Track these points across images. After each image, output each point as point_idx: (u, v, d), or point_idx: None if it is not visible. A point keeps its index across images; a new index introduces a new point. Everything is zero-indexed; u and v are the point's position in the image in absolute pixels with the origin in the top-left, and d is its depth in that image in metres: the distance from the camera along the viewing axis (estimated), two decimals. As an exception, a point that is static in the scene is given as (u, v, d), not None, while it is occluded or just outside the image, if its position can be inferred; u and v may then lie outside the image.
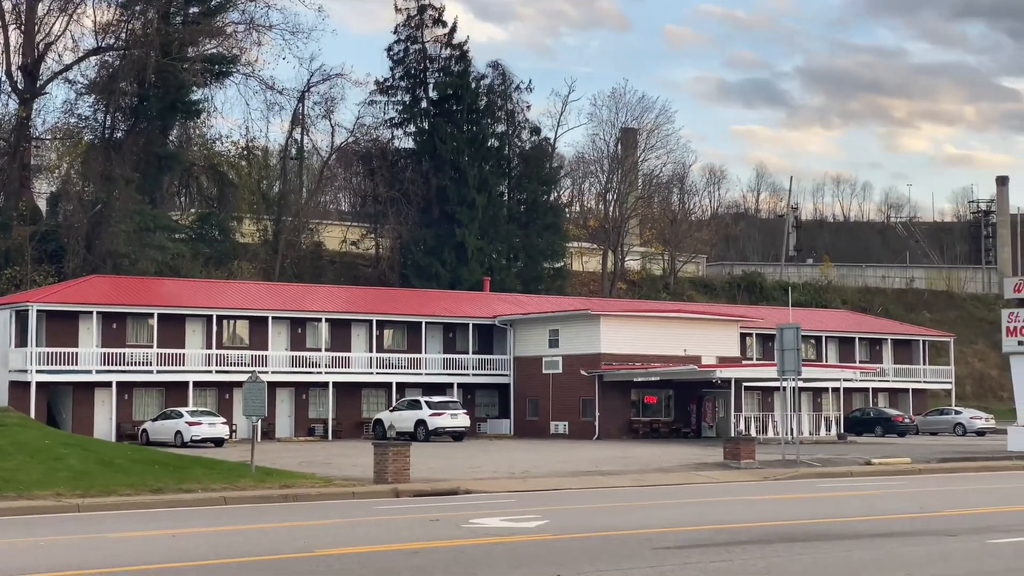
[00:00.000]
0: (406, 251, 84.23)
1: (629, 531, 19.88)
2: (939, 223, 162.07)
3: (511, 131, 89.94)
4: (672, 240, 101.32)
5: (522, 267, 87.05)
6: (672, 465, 38.23)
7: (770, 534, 19.47)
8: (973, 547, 17.87)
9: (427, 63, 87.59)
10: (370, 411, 61.68)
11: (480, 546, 18.16)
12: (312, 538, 19.46)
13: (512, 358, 65.22)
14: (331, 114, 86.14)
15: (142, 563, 16.53)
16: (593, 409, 60.57)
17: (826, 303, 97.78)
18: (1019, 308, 47.81)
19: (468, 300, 71.03)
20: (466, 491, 29.68)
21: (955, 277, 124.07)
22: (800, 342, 39.23)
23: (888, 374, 74.28)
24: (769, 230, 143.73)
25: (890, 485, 31.93)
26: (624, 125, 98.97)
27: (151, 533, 20.49)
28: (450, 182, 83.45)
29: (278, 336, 60.72)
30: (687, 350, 61.59)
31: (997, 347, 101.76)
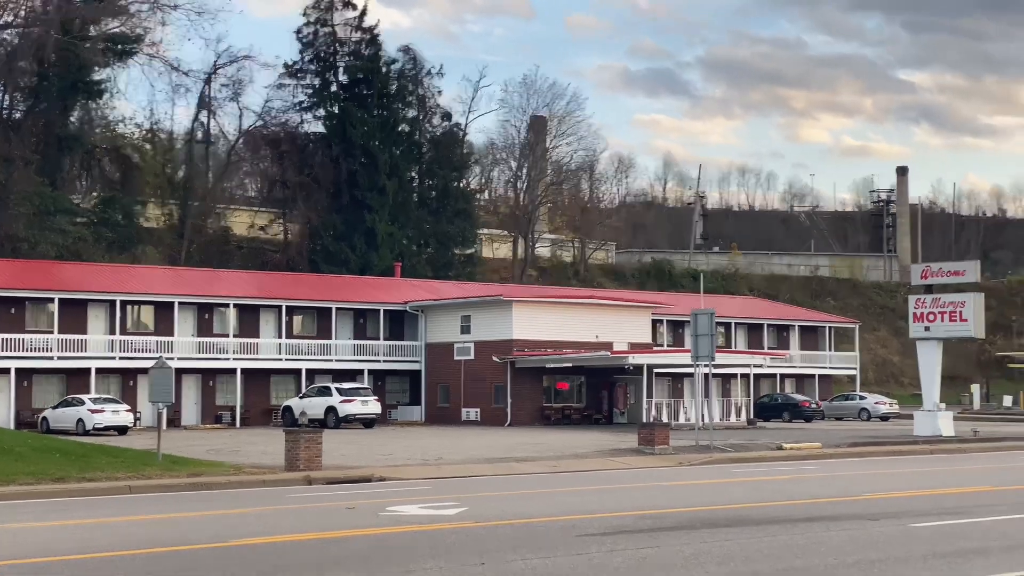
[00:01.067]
0: (315, 236, 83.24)
1: (551, 518, 19.54)
2: (841, 212, 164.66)
3: (422, 116, 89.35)
4: (582, 227, 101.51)
5: (433, 253, 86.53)
6: (587, 451, 38.05)
7: (694, 520, 19.27)
8: (896, 531, 17.82)
9: (337, 47, 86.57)
10: (279, 398, 60.77)
11: (400, 535, 17.69)
12: (223, 528, 18.84)
13: (423, 344, 64.71)
14: (238, 97, 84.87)
15: (46, 555, 15.80)
16: (505, 395, 60.31)
17: (734, 290, 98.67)
18: (926, 294, 48.43)
19: (379, 286, 70.35)
20: (380, 478, 29.16)
21: (858, 265, 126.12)
22: (714, 328, 39.23)
23: (795, 360, 75.09)
24: (677, 218, 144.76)
25: (804, 469, 32.04)
26: (535, 112, 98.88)
27: (54, 523, 19.69)
28: (360, 167, 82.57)
29: (184, 322, 59.53)
30: (599, 336, 61.58)
31: (898, 333, 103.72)
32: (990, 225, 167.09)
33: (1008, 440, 45.67)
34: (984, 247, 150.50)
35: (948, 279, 48.55)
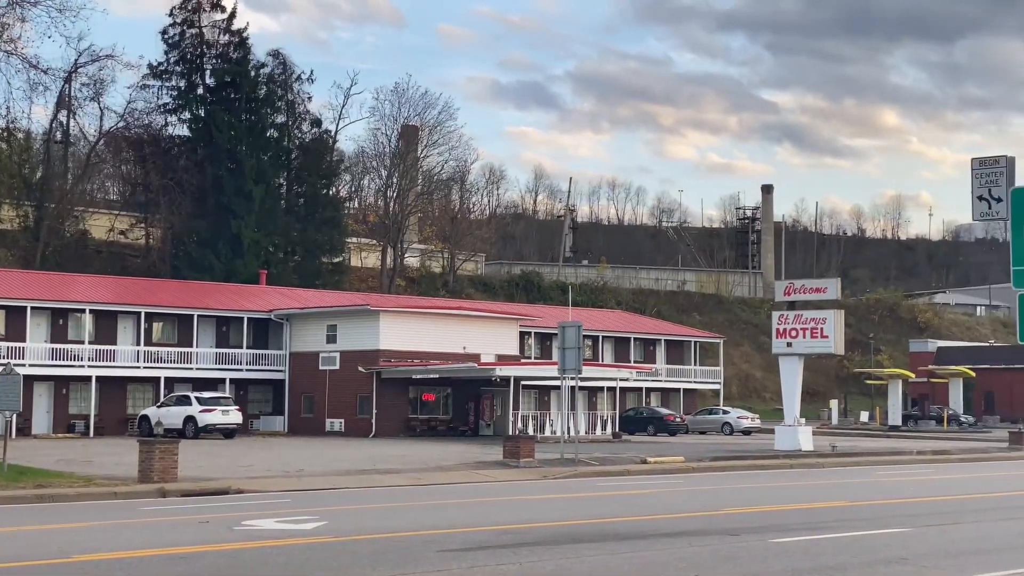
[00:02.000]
0: (178, 242, 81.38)
1: (412, 532, 19.12)
2: (708, 229, 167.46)
3: (291, 122, 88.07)
4: (452, 238, 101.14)
5: (300, 261, 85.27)
6: (451, 464, 37.66)
7: (557, 535, 19.02)
8: (756, 547, 17.80)
9: (204, 49, 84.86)
10: (136, 407, 59.09)
11: (253, 550, 17.08)
12: (69, 542, 17.99)
13: (288, 353, 63.64)
14: (100, 97, 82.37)
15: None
16: (370, 406, 59.60)
17: (602, 303, 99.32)
18: (789, 311, 49.19)
19: (243, 293, 69.01)
20: (238, 491, 28.36)
21: (723, 281, 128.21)
22: (582, 340, 39.22)
23: (661, 374, 75.76)
24: (546, 231, 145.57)
25: (667, 484, 32.12)
26: (406, 121, 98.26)
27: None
28: (226, 172, 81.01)
29: (37, 327, 57.53)
30: (467, 348, 61.26)
31: (761, 349, 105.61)
32: (850, 244, 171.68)
33: (865, 455, 46.58)
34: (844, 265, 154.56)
35: (810, 296, 49.41)
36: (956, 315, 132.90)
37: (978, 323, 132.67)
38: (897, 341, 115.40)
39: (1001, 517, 23.13)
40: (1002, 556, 17.15)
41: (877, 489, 30.46)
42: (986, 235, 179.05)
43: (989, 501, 27.16)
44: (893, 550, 17.54)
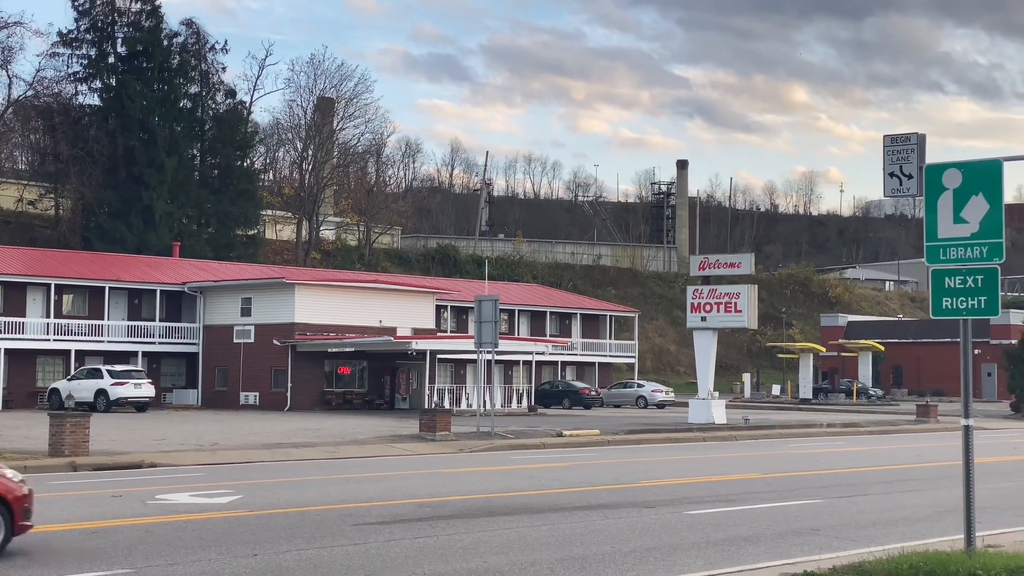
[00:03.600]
0: (89, 213, 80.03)
1: (328, 506, 19.07)
2: (623, 203, 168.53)
3: (205, 93, 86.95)
4: (368, 211, 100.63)
5: (214, 233, 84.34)
6: (367, 437, 37.59)
7: (473, 508, 19.10)
8: (671, 519, 18.03)
9: (115, 16, 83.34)
10: (46, 380, 58.13)
11: (168, 524, 16.92)
12: (-23, 518, 17.64)
13: (201, 326, 62.98)
14: (8, 65, 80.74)
15: None
16: (285, 380, 59.24)
17: (518, 277, 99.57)
18: (703, 285, 49.71)
19: (156, 266, 68.09)
20: (151, 464, 28.08)
21: (639, 255, 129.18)
22: (498, 314, 39.29)
23: (576, 348, 76.21)
24: (463, 205, 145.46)
25: (583, 457, 32.37)
26: (322, 93, 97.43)
27: None
28: (138, 142, 79.74)
29: (-57, 299, 56.29)
30: (383, 321, 61.11)
31: (676, 323, 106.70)
32: (763, 219, 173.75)
33: (776, 428, 47.31)
34: (757, 240, 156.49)
35: (724, 271, 49.96)
36: (866, 290, 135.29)
37: (887, 298, 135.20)
38: (808, 316, 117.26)
39: (909, 488, 23.66)
40: (911, 526, 17.55)
41: (789, 461, 30.98)
42: (895, 211, 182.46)
43: (897, 472, 27.76)
44: (805, 521, 17.87)
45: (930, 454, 34.37)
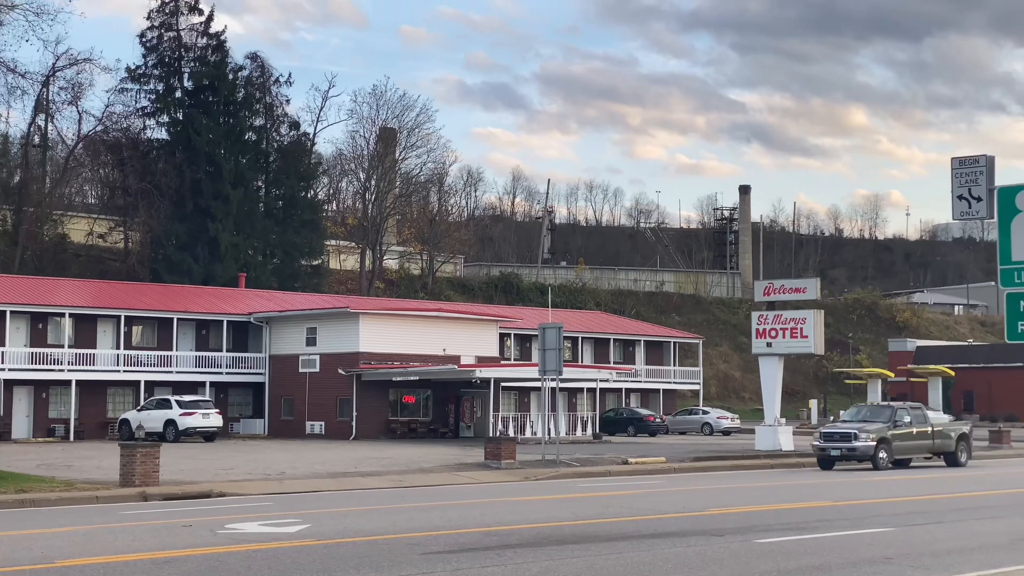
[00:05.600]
0: (157, 245, 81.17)
1: (395, 535, 19.09)
2: (685, 229, 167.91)
3: (270, 125, 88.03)
4: (431, 240, 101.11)
5: (279, 264, 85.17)
6: (433, 466, 37.64)
7: (540, 536, 19.04)
8: (740, 548, 17.85)
9: (182, 52, 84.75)
10: (116, 411, 58.91)
11: (238, 554, 17.03)
12: (51, 547, 17.90)
13: (268, 356, 63.52)
14: (78, 101, 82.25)
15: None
16: (350, 409, 59.52)
17: (581, 305, 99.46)
18: (768, 311, 49.34)
19: (223, 296, 68.84)
20: (220, 494, 28.31)
21: (702, 281, 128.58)
22: (562, 342, 39.26)
23: (640, 375, 75.90)
24: (525, 232, 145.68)
25: (649, 484, 32.18)
26: (385, 123, 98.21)
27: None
28: (205, 175, 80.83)
29: (17, 332, 57.28)
30: (446, 349, 61.27)
31: (740, 349, 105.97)
32: (827, 244, 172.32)
33: (845, 454, 46.66)
34: (822, 265, 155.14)
35: (789, 296, 49.55)
36: (934, 314, 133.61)
37: (956, 322, 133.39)
38: (876, 341, 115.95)
39: (985, 516, 23.26)
40: (986, 554, 17.25)
41: (859, 488, 30.58)
42: (963, 234, 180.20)
43: (971, 500, 27.30)
44: (877, 549, 17.63)
45: (1005, 481, 33.78)
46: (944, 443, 41.07)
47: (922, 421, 40.71)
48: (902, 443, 39.73)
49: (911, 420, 40.04)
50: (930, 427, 40.74)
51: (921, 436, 40.41)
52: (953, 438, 41.24)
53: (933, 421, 41.53)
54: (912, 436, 40.08)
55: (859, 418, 40.72)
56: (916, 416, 40.53)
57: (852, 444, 38.62)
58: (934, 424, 41.13)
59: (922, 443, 40.58)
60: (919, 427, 40.32)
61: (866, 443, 38.42)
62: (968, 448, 41.88)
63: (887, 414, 40.25)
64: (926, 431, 40.54)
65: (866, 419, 40.22)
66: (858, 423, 39.76)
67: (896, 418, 39.78)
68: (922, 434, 40.43)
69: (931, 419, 41.64)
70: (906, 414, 40.13)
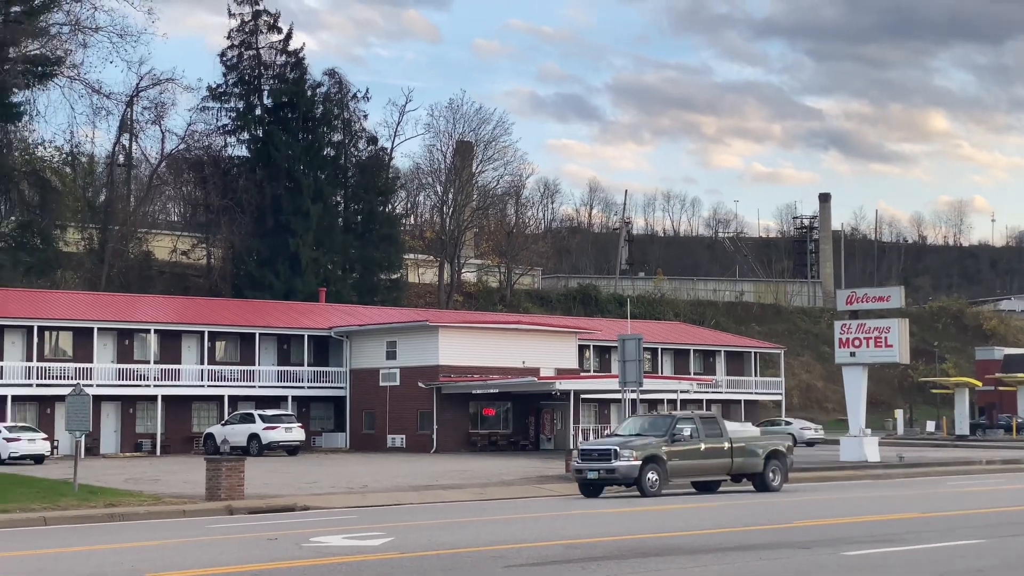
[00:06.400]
0: (239, 261, 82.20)
1: (478, 548, 19.10)
2: (764, 239, 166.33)
3: (348, 140, 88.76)
4: (508, 253, 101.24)
5: (358, 278, 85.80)
6: (514, 478, 37.64)
7: (624, 549, 18.93)
8: (829, 560, 17.60)
9: (262, 70, 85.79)
10: (201, 425, 59.69)
11: (323, 567, 17.14)
12: (141, 560, 18.16)
13: (348, 370, 63.97)
14: (161, 120, 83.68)
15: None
16: (431, 422, 59.74)
17: (660, 315, 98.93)
18: (851, 320, 48.73)
19: (303, 311, 69.51)
20: (304, 507, 28.56)
21: (782, 291, 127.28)
22: (641, 353, 39.09)
23: (721, 385, 75.30)
24: (602, 244, 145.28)
25: (733, 496, 31.86)
26: (461, 137, 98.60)
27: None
28: (285, 191, 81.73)
29: (104, 348, 58.30)
30: (526, 362, 61.28)
31: (822, 359, 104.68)
32: (910, 251, 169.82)
33: (933, 465, 46.00)
34: (905, 273, 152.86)
35: (873, 305, 48.92)
36: (1023, 322, 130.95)
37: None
38: (962, 349, 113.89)
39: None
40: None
41: (948, 500, 30.05)
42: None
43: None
44: (969, 561, 17.28)
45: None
46: (748, 462, 33.32)
47: (716, 435, 33.15)
48: (683, 462, 32.16)
49: (694, 434, 32.54)
50: (727, 443, 33.13)
51: (713, 454, 32.75)
52: (761, 456, 33.47)
53: (736, 435, 34.76)
54: (699, 454, 32.49)
55: (635, 431, 33.32)
56: (708, 429, 33.05)
57: (612, 464, 31.15)
58: (735, 439, 33.79)
59: (714, 462, 32.85)
60: (711, 442, 32.75)
61: (628, 463, 30.96)
62: (783, 469, 33.91)
63: (664, 426, 32.76)
64: (720, 447, 32.91)
65: (642, 432, 32.95)
66: (627, 438, 32.66)
67: (675, 431, 32.31)
68: (714, 451, 32.80)
69: (733, 433, 35.07)
70: (688, 426, 32.71)
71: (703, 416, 34.24)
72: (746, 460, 33.26)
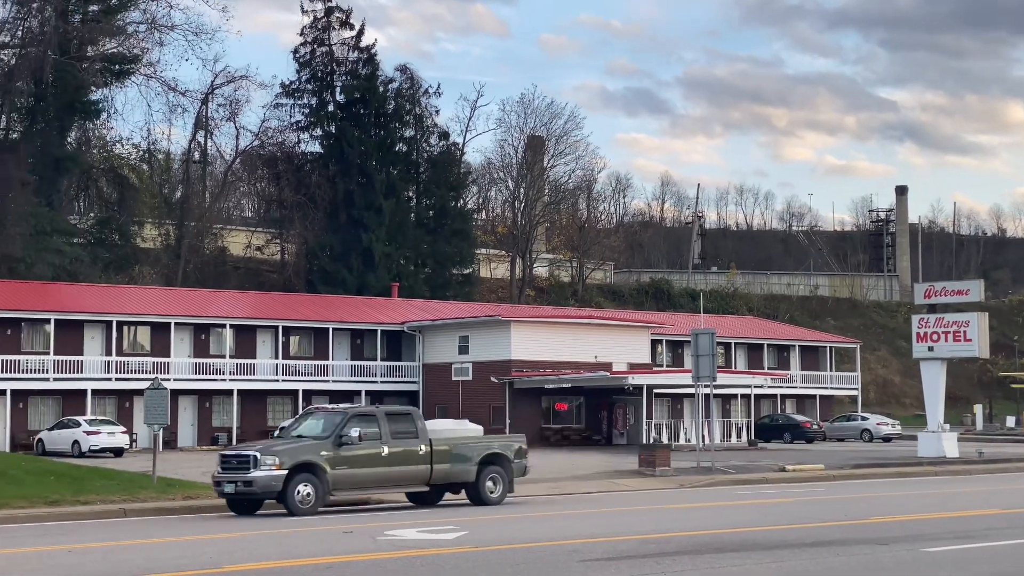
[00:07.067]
0: (312, 257, 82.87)
1: (553, 542, 19.09)
2: (839, 232, 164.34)
3: (419, 136, 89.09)
4: (580, 247, 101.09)
5: (430, 273, 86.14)
6: (587, 473, 37.59)
7: (698, 544, 18.82)
8: (907, 557, 17.38)
9: (334, 66, 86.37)
10: (276, 419, 60.24)
11: (398, 560, 17.24)
12: (218, 552, 18.38)
13: (421, 365, 64.26)
14: (235, 117, 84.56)
15: None
16: (504, 416, 59.83)
17: (733, 310, 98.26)
18: (929, 314, 48.04)
19: (376, 306, 69.92)
20: (377, 501, 28.72)
21: (857, 284, 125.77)
22: (715, 347, 38.84)
23: (796, 380, 74.62)
24: (674, 238, 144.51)
25: (809, 492, 31.59)
26: (533, 132, 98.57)
27: (46, 548, 19.25)
28: (357, 187, 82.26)
29: (181, 343, 59.10)
30: (598, 356, 61.15)
31: (899, 354, 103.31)
32: (989, 244, 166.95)
33: (1013, 461, 45.24)
34: (984, 266, 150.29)
35: (951, 299, 48.20)
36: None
37: None
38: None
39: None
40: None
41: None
42: None
43: None
44: None
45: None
46: (456, 469, 27.18)
47: (408, 436, 26.79)
48: (354, 471, 25.85)
49: (374, 435, 26.16)
50: (424, 446, 26.77)
51: (402, 459, 26.44)
52: (473, 462, 27.27)
53: (441, 437, 27.76)
54: (380, 460, 26.15)
55: (313, 432, 26.81)
56: (397, 429, 26.74)
57: (250, 475, 25.14)
58: (438, 441, 27.24)
59: (403, 470, 26.56)
60: (399, 445, 26.47)
61: (269, 472, 24.99)
62: (505, 477, 27.80)
63: (332, 426, 26.23)
64: (414, 452, 26.61)
65: (308, 434, 26.84)
66: (281, 441, 27.74)
67: (343, 432, 25.79)
68: (404, 456, 26.48)
69: (439, 433, 28.08)
70: (362, 427, 26.08)
71: (392, 413, 27.72)
72: (453, 467, 27.16)
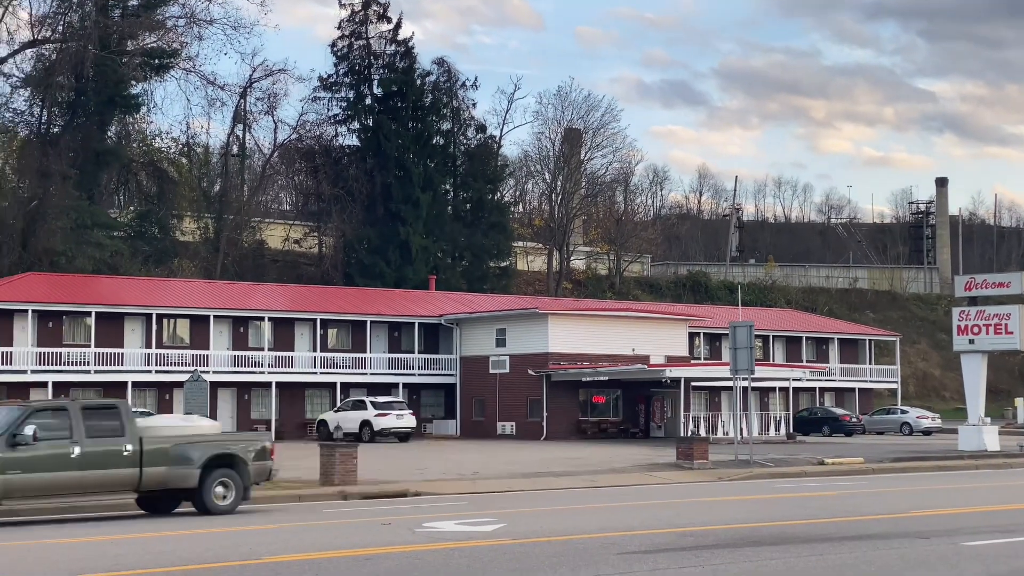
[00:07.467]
0: (350, 250, 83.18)
1: (590, 535, 19.08)
2: (879, 224, 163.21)
3: (456, 129, 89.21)
4: (617, 240, 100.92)
5: (467, 266, 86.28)
6: (625, 466, 37.55)
7: (737, 537, 18.76)
8: (947, 550, 17.25)
9: (372, 59, 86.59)
10: (314, 412, 60.63)
11: (436, 552, 17.28)
12: (258, 543, 18.49)
13: (458, 358, 64.37)
14: (274, 110, 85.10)
15: (74, 572, 15.50)
16: (541, 409, 59.86)
17: (771, 303, 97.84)
18: (970, 307, 47.65)
19: (413, 299, 70.11)
20: (416, 493, 28.81)
21: (897, 277, 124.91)
22: (753, 340, 38.68)
23: (835, 373, 74.23)
24: (712, 230, 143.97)
25: (848, 485, 31.41)
26: (570, 124, 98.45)
27: (85, 539, 19.43)
28: (395, 180, 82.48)
29: (219, 335, 59.48)
30: (635, 349, 61.05)
31: (939, 346, 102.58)
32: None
33: (1054, 455, 44.78)
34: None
35: (992, 291, 47.78)
36: None
37: None
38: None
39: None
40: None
41: None
42: None
43: None
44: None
45: None
46: (174, 473, 23.21)
47: (110, 435, 22.56)
48: (33, 476, 21.68)
49: (61, 434, 22.05)
50: (131, 445, 22.67)
51: (99, 461, 22.27)
52: (197, 464, 23.31)
53: (158, 434, 23.65)
54: (67, 462, 21.96)
55: None
56: (95, 425, 22.46)
57: None
58: (152, 439, 23.16)
59: (101, 474, 22.39)
60: (97, 445, 22.29)
61: None
62: (240, 483, 24.12)
63: (7, 422, 21.84)
64: (116, 452, 22.50)
65: None
66: None
67: (17, 431, 21.62)
68: (102, 458, 22.31)
69: (156, 430, 24.01)
70: (46, 422, 22.04)
71: (91, 407, 23.44)
72: (170, 471, 23.23)
